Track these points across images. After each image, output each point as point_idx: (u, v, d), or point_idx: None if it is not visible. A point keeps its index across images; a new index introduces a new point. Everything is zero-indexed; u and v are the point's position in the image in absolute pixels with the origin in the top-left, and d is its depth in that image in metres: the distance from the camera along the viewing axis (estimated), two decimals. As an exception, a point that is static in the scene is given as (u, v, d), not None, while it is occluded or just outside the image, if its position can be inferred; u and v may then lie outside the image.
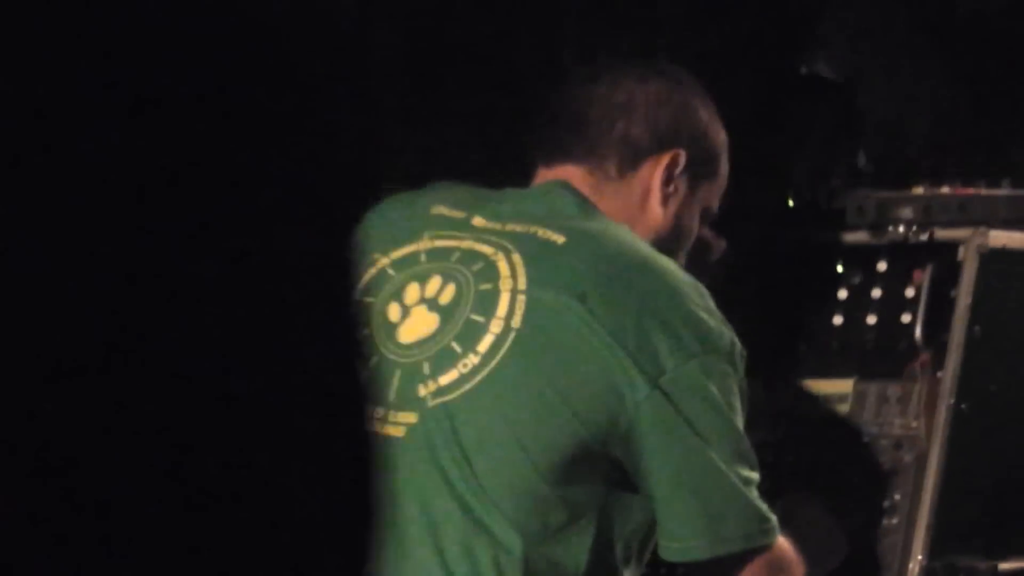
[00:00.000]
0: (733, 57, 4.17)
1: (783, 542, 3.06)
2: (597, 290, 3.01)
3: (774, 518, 3.03)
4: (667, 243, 3.21)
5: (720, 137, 3.31)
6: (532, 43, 5.14)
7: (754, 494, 3.02)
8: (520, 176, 3.36)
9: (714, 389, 3.00)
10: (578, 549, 3.00)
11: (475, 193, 3.27)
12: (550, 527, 2.98)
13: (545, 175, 3.23)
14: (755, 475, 3.03)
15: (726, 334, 3.04)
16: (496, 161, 3.71)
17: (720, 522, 3.00)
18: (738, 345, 3.06)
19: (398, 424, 3.02)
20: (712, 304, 3.05)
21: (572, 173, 3.20)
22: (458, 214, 3.20)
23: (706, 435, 3.01)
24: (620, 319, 2.98)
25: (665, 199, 3.21)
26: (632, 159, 3.21)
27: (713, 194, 3.30)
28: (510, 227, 3.12)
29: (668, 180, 3.20)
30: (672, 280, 3.06)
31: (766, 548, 3.01)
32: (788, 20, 5.22)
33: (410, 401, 3.00)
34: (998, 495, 3.61)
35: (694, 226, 3.29)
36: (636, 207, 3.21)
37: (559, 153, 3.22)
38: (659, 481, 2.98)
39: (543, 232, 3.09)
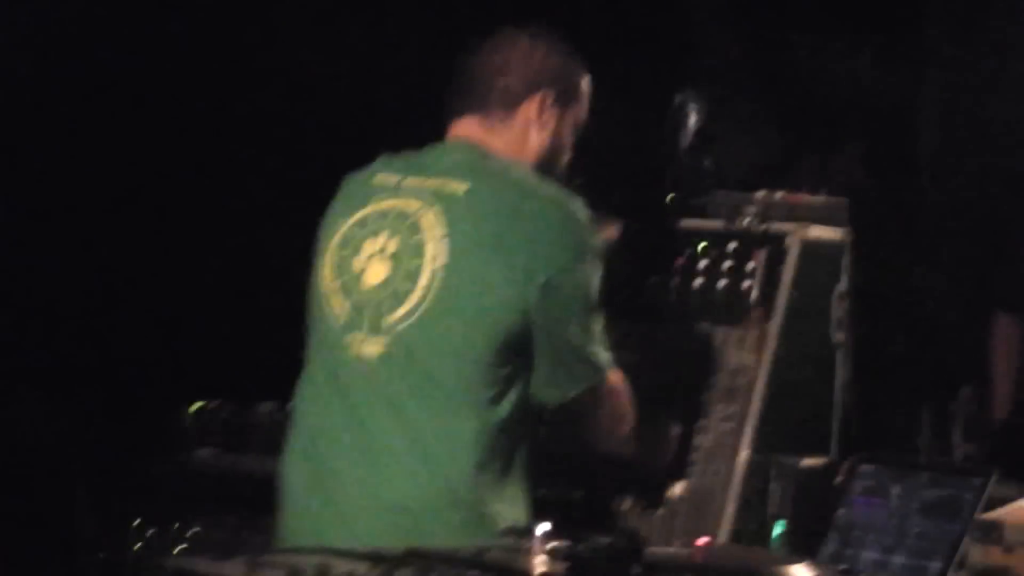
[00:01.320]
0: (624, 90, 4.54)
1: (614, 376, 3.70)
2: (494, 223, 3.60)
3: (604, 362, 3.65)
4: (549, 160, 3.80)
5: (575, 72, 3.84)
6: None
7: (593, 347, 3.64)
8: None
9: (583, 282, 3.62)
10: (507, 407, 3.63)
11: (406, 158, 3.78)
12: (488, 396, 3.60)
13: (454, 127, 3.78)
14: (598, 330, 3.63)
15: (593, 237, 3.66)
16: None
17: (566, 377, 3.65)
18: (600, 244, 3.67)
19: (374, 347, 3.65)
20: (583, 215, 3.64)
21: (469, 123, 3.77)
22: (393, 179, 3.74)
23: (570, 319, 3.62)
24: (514, 242, 3.57)
25: (541, 127, 3.78)
26: (511, 104, 3.76)
27: (579, 112, 3.84)
28: (430, 183, 3.67)
29: (540, 114, 3.77)
30: (551, 202, 3.64)
31: (600, 383, 3.68)
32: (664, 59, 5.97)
33: (381, 329, 3.63)
34: (802, 411, 4.13)
35: (568, 141, 3.82)
36: (520, 140, 3.77)
37: (460, 109, 3.79)
38: (537, 355, 3.63)
39: (453, 184, 3.65)
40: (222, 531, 4.78)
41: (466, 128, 3.78)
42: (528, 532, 2.82)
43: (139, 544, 4.85)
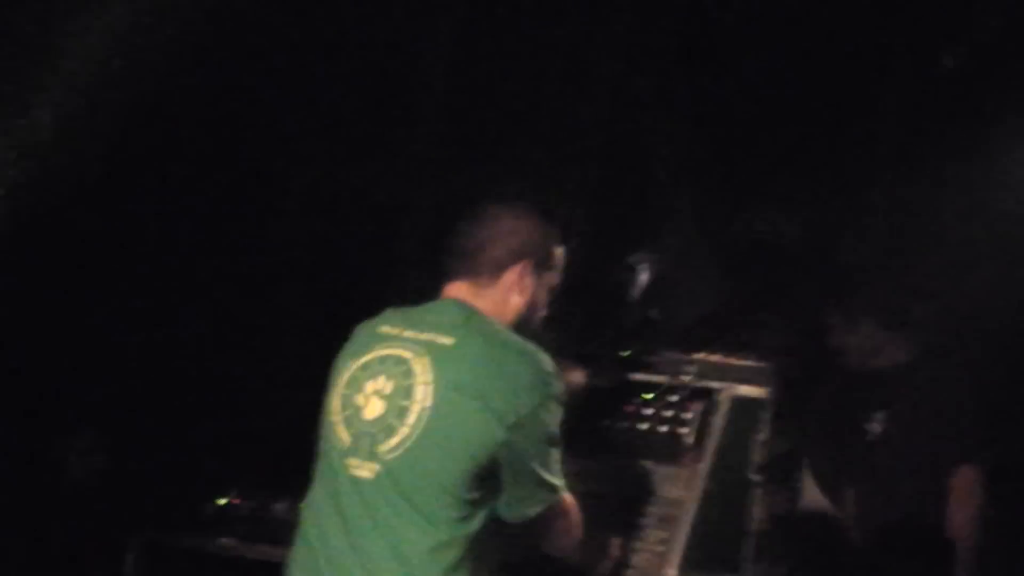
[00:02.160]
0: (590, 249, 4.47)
1: (567, 498, 3.68)
2: (474, 374, 3.61)
3: (561, 486, 3.63)
4: (526, 317, 3.80)
5: (553, 244, 3.83)
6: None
7: (550, 475, 3.62)
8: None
9: (545, 420, 3.62)
10: (476, 524, 3.63)
11: (407, 313, 3.79)
12: (464, 513, 3.61)
13: (447, 288, 3.79)
14: (557, 460, 3.62)
15: (556, 385, 3.64)
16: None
17: (527, 499, 3.64)
18: (563, 391, 3.65)
19: (367, 471, 3.67)
20: (549, 365, 3.64)
21: (460, 286, 3.79)
22: (395, 330, 3.75)
23: (533, 452, 3.61)
24: (490, 389, 3.58)
25: (521, 291, 3.79)
26: (497, 272, 3.77)
27: (553, 278, 3.83)
28: (423, 335, 3.68)
29: (520, 280, 3.78)
30: (524, 356, 3.64)
31: (556, 504, 3.67)
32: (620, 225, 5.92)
33: (375, 456, 3.66)
34: (721, 539, 4.14)
35: (543, 301, 3.82)
36: (503, 300, 3.78)
37: (453, 273, 3.81)
38: (504, 482, 3.63)
39: (441, 338, 3.67)
40: None
41: (457, 290, 3.81)
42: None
43: None
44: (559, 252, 3.85)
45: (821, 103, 6.08)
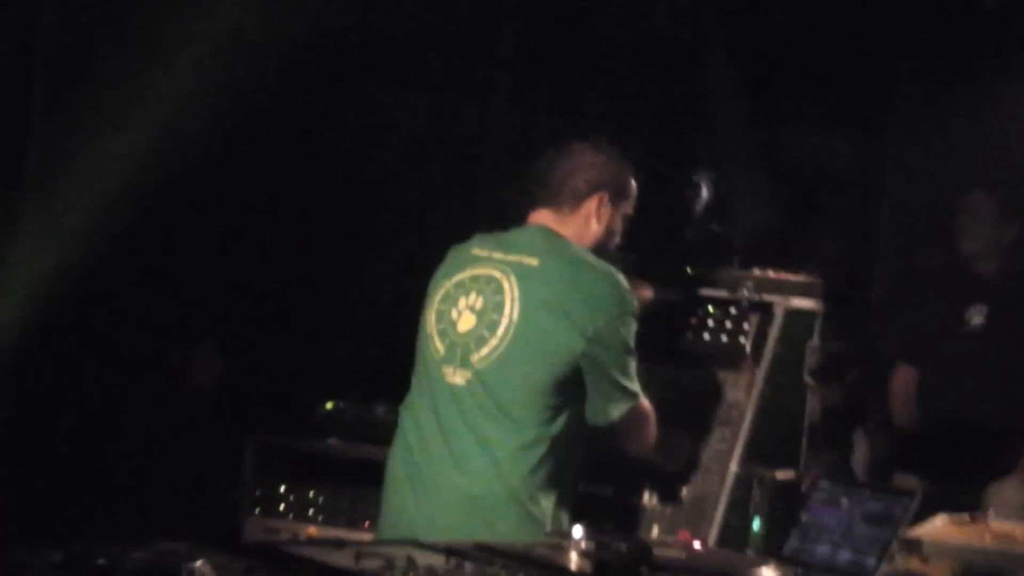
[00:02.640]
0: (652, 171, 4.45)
1: (644, 403, 3.74)
2: (556, 291, 3.67)
3: (638, 392, 3.69)
4: (604, 243, 3.84)
5: (626, 177, 3.86)
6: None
7: (628, 382, 3.67)
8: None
9: (621, 333, 3.67)
10: (559, 426, 3.70)
11: (497, 236, 3.83)
12: (549, 416, 3.69)
13: (532, 216, 3.84)
14: (633, 369, 3.67)
15: (631, 301, 3.70)
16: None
17: (610, 403, 3.69)
18: (637, 306, 3.71)
19: (461, 377, 3.74)
20: (624, 283, 3.69)
21: (544, 213, 3.84)
22: (485, 253, 3.82)
23: (612, 361, 3.67)
24: (570, 307, 3.64)
25: (599, 219, 3.82)
26: (577, 202, 3.83)
27: (628, 208, 3.87)
28: (511, 256, 3.75)
29: (598, 209, 3.82)
30: (601, 274, 3.70)
31: (635, 407, 3.73)
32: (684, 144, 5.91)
33: (467, 364, 3.74)
34: (778, 437, 4.11)
35: (618, 229, 3.86)
36: (583, 228, 3.82)
37: (539, 202, 3.86)
38: (588, 388, 3.69)
39: (527, 259, 3.74)
40: (345, 502, 4.91)
41: (542, 217, 3.84)
42: (567, 535, 2.91)
43: (283, 506, 4.95)
44: (632, 184, 3.90)
45: (869, 37, 6.04)
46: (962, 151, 5.90)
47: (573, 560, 2.87)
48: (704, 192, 4.43)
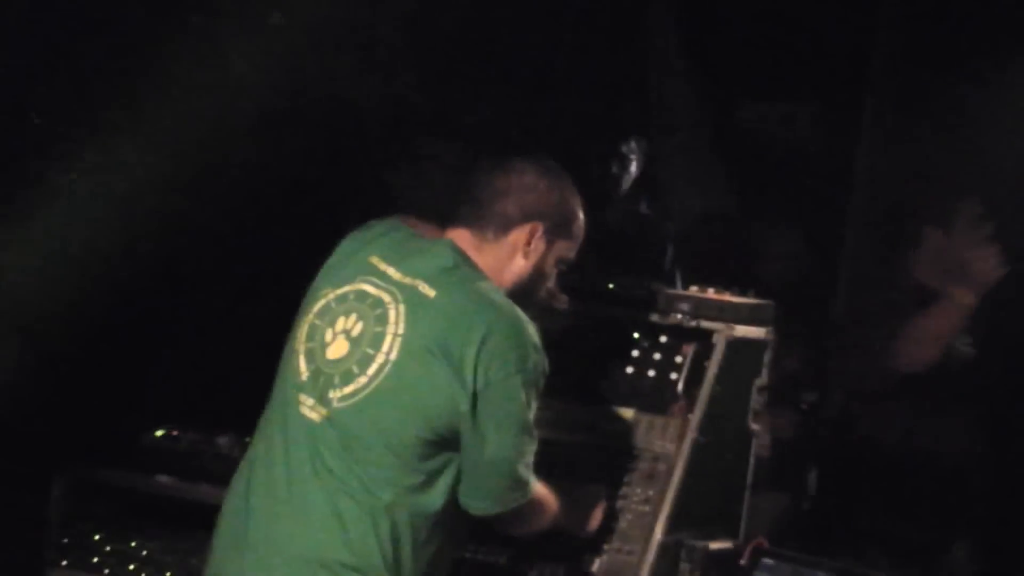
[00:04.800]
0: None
1: (540, 489, 3.53)
2: (448, 330, 3.42)
3: (531, 481, 3.48)
4: (527, 284, 3.62)
5: (573, 211, 3.65)
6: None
7: (520, 467, 3.45)
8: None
9: (515, 396, 3.42)
10: (434, 497, 3.45)
11: (402, 242, 3.61)
12: (416, 480, 3.43)
13: (450, 231, 3.60)
14: (529, 452, 3.45)
15: (536, 359, 3.45)
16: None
17: (490, 494, 3.46)
18: (544, 368, 3.46)
19: (316, 413, 3.49)
20: (534, 337, 3.46)
21: (463, 234, 3.59)
22: (382, 265, 3.57)
23: (498, 426, 3.43)
24: (462, 350, 3.39)
25: (526, 255, 3.59)
26: (504, 228, 3.59)
27: (568, 248, 3.67)
28: (407, 279, 3.51)
29: (528, 242, 3.59)
30: (505, 320, 3.46)
31: (524, 503, 3.49)
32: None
33: (326, 401, 3.47)
34: (714, 498, 3.93)
35: (549, 271, 3.65)
36: (505, 260, 3.59)
37: (458, 219, 3.61)
38: (463, 465, 3.44)
39: (424, 287, 3.49)
40: (173, 555, 4.66)
41: (459, 236, 3.60)
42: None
43: (96, 559, 4.72)
44: (579, 222, 3.67)
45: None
46: (959, 125, 5.49)
47: None
48: (633, 166, 4.40)
